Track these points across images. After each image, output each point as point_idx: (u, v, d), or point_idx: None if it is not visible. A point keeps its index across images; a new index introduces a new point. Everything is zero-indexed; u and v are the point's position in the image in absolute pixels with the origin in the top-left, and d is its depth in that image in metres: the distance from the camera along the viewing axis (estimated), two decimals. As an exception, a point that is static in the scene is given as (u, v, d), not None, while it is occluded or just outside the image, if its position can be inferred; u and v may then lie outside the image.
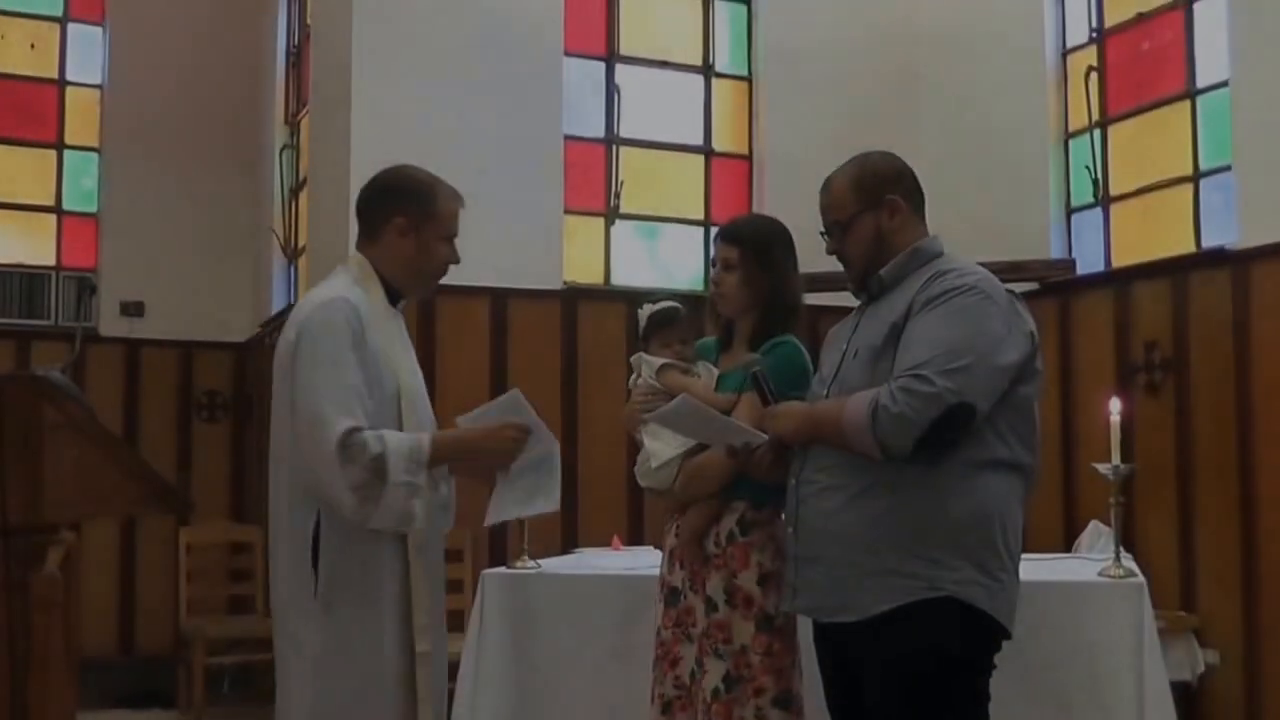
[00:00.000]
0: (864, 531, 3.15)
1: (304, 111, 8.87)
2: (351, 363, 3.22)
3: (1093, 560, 5.11)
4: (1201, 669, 6.35)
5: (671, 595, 3.73)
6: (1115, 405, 4.78)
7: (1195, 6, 7.08)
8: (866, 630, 3.16)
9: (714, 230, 5.59)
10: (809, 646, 3.55)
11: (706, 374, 3.75)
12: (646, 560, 4.63)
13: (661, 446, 3.64)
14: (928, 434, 3.04)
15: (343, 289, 3.35)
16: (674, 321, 3.79)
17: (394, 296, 3.49)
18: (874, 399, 3.08)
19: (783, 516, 3.54)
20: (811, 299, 4.58)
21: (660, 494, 3.77)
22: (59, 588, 3.01)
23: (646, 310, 3.82)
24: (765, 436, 3.38)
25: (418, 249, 3.46)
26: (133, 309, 9.44)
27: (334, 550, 3.25)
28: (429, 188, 3.52)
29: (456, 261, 3.55)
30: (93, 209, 9.76)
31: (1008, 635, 3.23)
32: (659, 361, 3.71)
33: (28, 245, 9.61)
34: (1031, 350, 3.22)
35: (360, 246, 3.51)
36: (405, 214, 3.45)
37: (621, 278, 7.90)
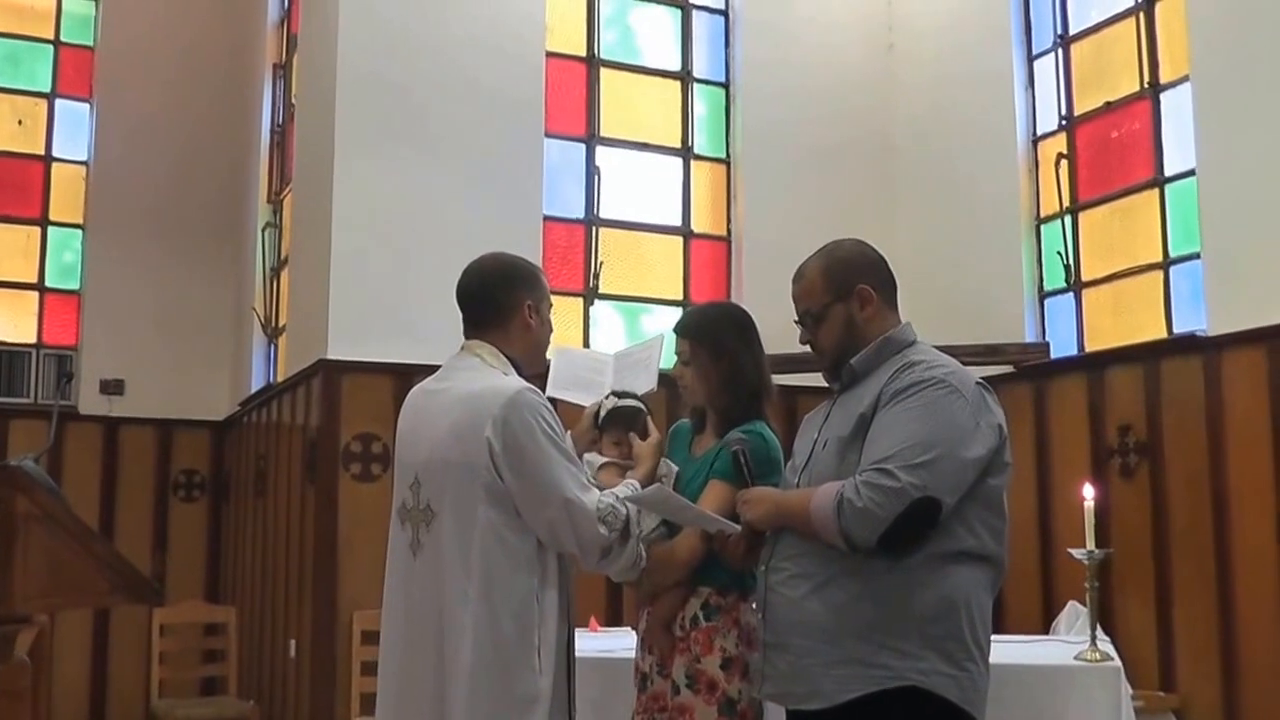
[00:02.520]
0: (829, 620, 3.15)
1: (287, 190, 8.93)
2: (561, 440, 3.39)
3: (1070, 643, 5.12)
4: (1182, 749, 6.37)
5: (642, 681, 3.73)
6: (1089, 491, 4.82)
7: (1162, 96, 7.21)
8: (832, 718, 3.14)
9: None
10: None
11: (665, 469, 3.75)
12: (623, 643, 4.62)
13: None
14: (893, 528, 3.04)
15: (509, 378, 3.44)
16: (628, 421, 3.79)
17: None
18: (839, 492, 3.09)
19: (747, 602, 3.55)
20: (790, 380, 4.61)
21: (631, 584, 3.77)
22: (27, 675, 2.99)
23: (610, 403, 3.84)
24: (738, 527, 3.39)
25: (540, 327, 3.62)
26: (112, 387, 9.44)
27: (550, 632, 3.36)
28: (535, 268, 3.69)
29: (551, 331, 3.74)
30: (75, 285, 9.78)
31: (976, 725, 3.22)
32: (599, 461, 3.74)
33: (9, 322, 9.61)
34: (999, 443, 3.22)
35: (481, 335, 3.56)
36: (532, 296, 3.58)
37: (601, 359, 7.89)
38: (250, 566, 8.77)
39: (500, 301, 3.56)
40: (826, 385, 3.55)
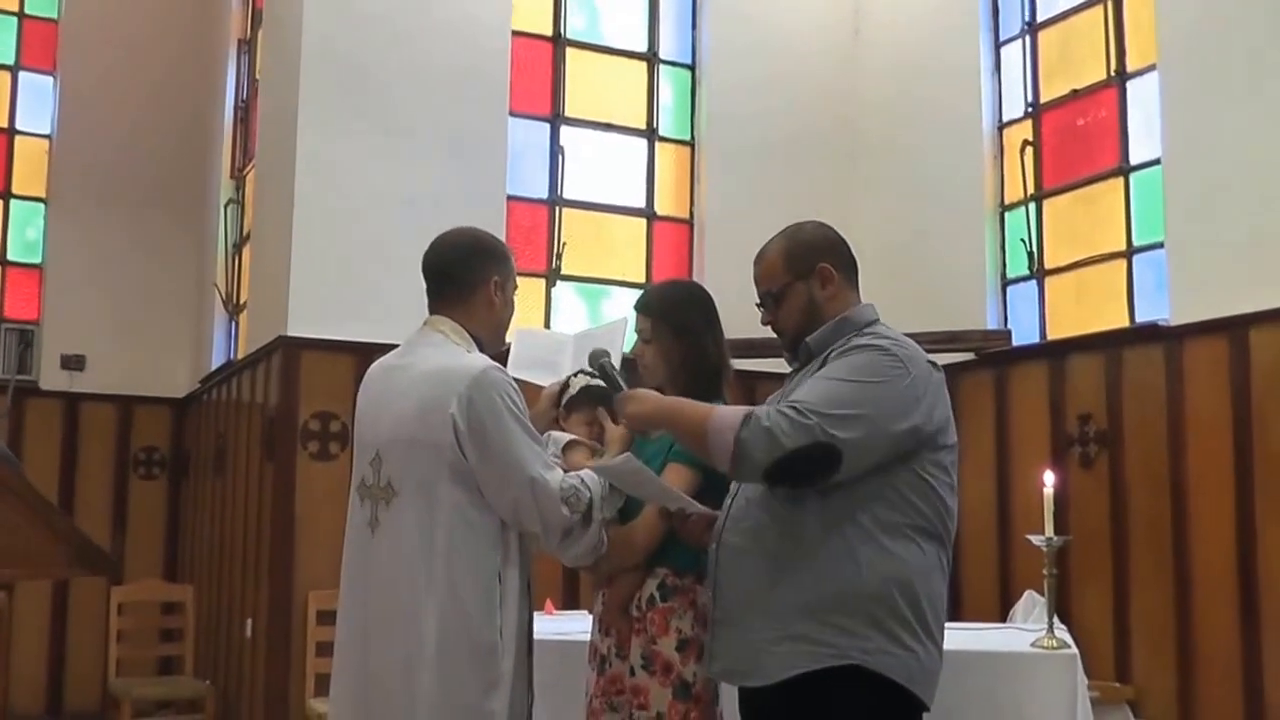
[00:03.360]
0: (776, 597, 3.14)
1: (250, 166, 8.87)
2: (526, 420, 3.35)
3: (1027, 630, 5.13)
4: (1136, 740, 6.40)
5: (600, 663, 3.70)
6: (1049, 478, 4.83)
7: (1129, 84, 7.21)
8: (779, 697, 3.13)
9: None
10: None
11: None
12: (579, 625, 4.60)
13: None
14: (785, 460, 3.02)
15: (474, 356, 3.41)
16: (601, 400, 3.75)
17: None
18: (751, 409, 3.09)
19: (704, 584, 3.51)
20: (750, 365, 4.60)
21: (587, 568, 3.74)
22: (-17, 650, 2.97)
23: (581, 380, 3.81)
24: (701, 507, 3.38)
25: (504, 306, 3.58)
26: (74, 362, 9.38)
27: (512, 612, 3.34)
28: (504, 246, 3.65)
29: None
30: (37, 260, 9.69)
31: (925, 707, 3.20)
32: (565, 438, 3.71)
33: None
34: (933, 428, 3.19)
35: (444, 310, 3.52)
36: (499, 273, 3.54)
37: (563, 340, 7.82)
38: (208, 545, 8.73)
39: (465, 276, 3.52)
40: (788, 370, 3.54)
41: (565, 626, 4.81)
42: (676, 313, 3.74)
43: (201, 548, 8.94)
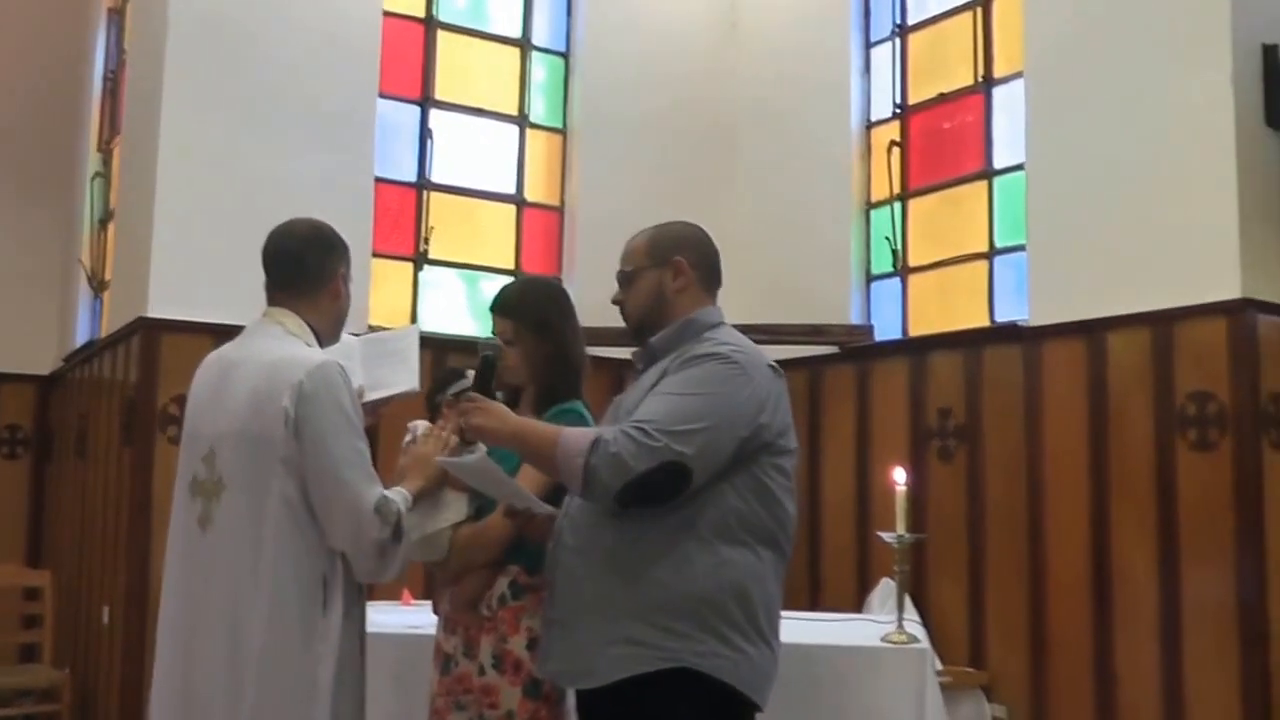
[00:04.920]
0: (609, 599, 3.17)
1: (117, 139, 8.68)
2: (359, 425, 3.27)
3: (881, 622, 5.19)
4: (990, 724, 6.54)
5: (445, 663, 3.69)
6: (900, 475, 4.89)
7: (995, 91, 7.34)
8: (611, 699, 3.16)
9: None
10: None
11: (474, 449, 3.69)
12: (431, 618, 4.57)
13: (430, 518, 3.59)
14: (636, 482, 3.05)
15: (313, 350, 3.36)
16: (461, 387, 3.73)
17: None
18: (599, 433, 3.11)
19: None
20: (622, 353, 4.61)
21: (434, 564, 3.72)
22: None
23: (457, 385, 3.79)
24: (548, 507, 3.39)
25: (345, 298, 3.53)
26: (-65, 337, 9.15)
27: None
28: (341, 238, 3.57)
29: None
30: (-98, 229, 9.42)
31: (758, 708, 3.24)
32: (422, 428, 3.70)
33: None
34: (773, 431, 3.24)
35: (288, 301, 3.43)
36: (344, 265, 3.50)
37: (431, 324, 7.72)
38: (70, 529, 8.53)
39: (317, 268, 3.46)
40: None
41: (416, 619, 4.76)
42: (537, 313, 3.74)
43: (63, 532, 8.75)
